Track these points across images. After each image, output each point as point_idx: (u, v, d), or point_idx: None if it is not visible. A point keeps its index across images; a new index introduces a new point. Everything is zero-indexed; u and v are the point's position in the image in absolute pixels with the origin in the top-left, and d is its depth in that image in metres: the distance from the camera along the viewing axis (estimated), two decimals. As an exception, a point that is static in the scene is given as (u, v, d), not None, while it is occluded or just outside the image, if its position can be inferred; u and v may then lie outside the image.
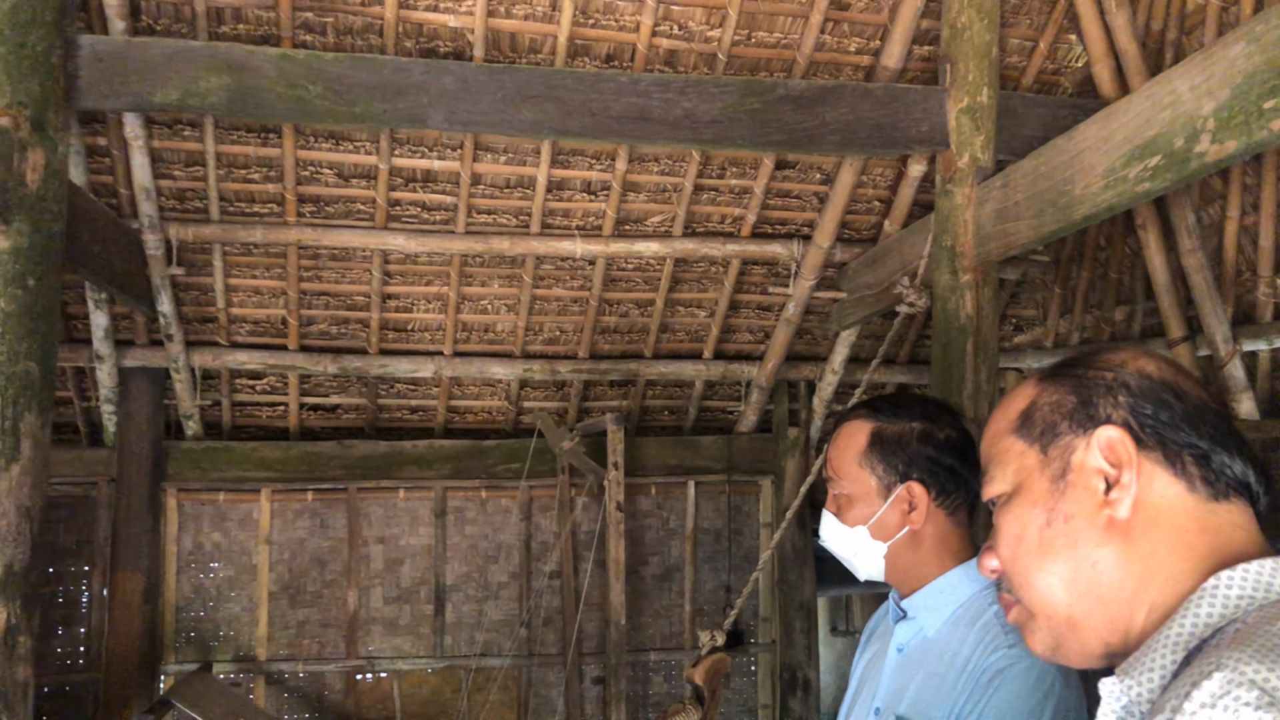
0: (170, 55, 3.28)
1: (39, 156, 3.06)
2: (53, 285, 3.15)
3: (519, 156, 4.34)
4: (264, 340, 4.85)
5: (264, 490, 5.05)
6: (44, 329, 3.10)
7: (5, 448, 2.97)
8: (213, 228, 4.32)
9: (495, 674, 5.15)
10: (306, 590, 5.08)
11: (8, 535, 2.96)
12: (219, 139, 4.09)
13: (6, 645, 2.93)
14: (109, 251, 3.95)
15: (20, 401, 3.01)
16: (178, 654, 4.91)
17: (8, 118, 2.98)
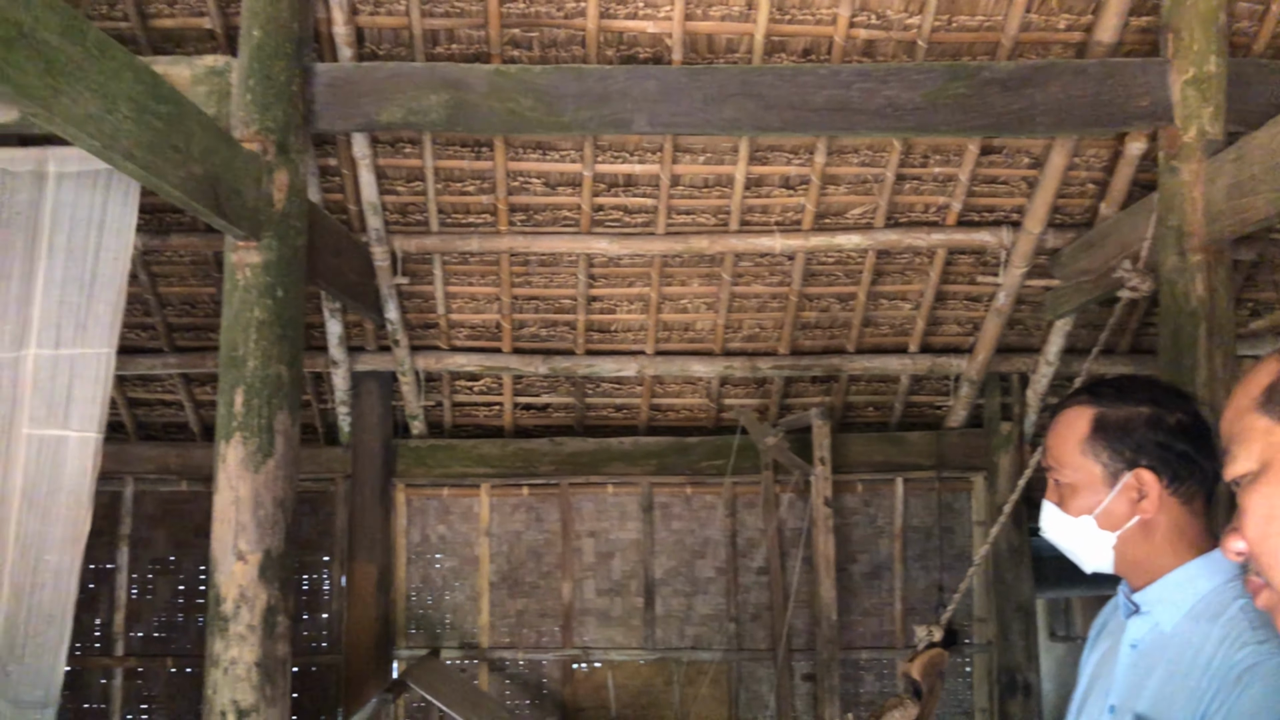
0: (393, 77, 3.53)
1: (284, 177, 3.35)
2: (298, 295, 3.44)
3: (717, 156, 4.40)
4: (480, 344, 5.10)
5: (483, 485, 5.32)
6: (291, 335, 3.39)
7: (261, 444, 3.27)
8: (433, 239, 4.59)
9: (705, 668, 5.22)
10: (524, 581, 5.31)
11: (266, 524, 3.26)
12: (436, 155, 4.35)
13: (267, 625, 3.23)
14: (343, 264, 4.27)
15: (273, 402, 3.31)
16: (409, 640, 5.24)
17: (257, 143, 3.29)
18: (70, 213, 3.28)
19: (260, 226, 3.28)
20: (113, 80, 2.41)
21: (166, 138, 2.67)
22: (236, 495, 3.25)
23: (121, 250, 3.28)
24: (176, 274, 4.80)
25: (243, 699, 3.18)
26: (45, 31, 2.15)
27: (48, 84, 2.16)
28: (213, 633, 3.23)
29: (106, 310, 3.27)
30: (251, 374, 3.28)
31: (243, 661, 3.19)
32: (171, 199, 2.80)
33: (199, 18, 3.91)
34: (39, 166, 3.31)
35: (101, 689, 5.16)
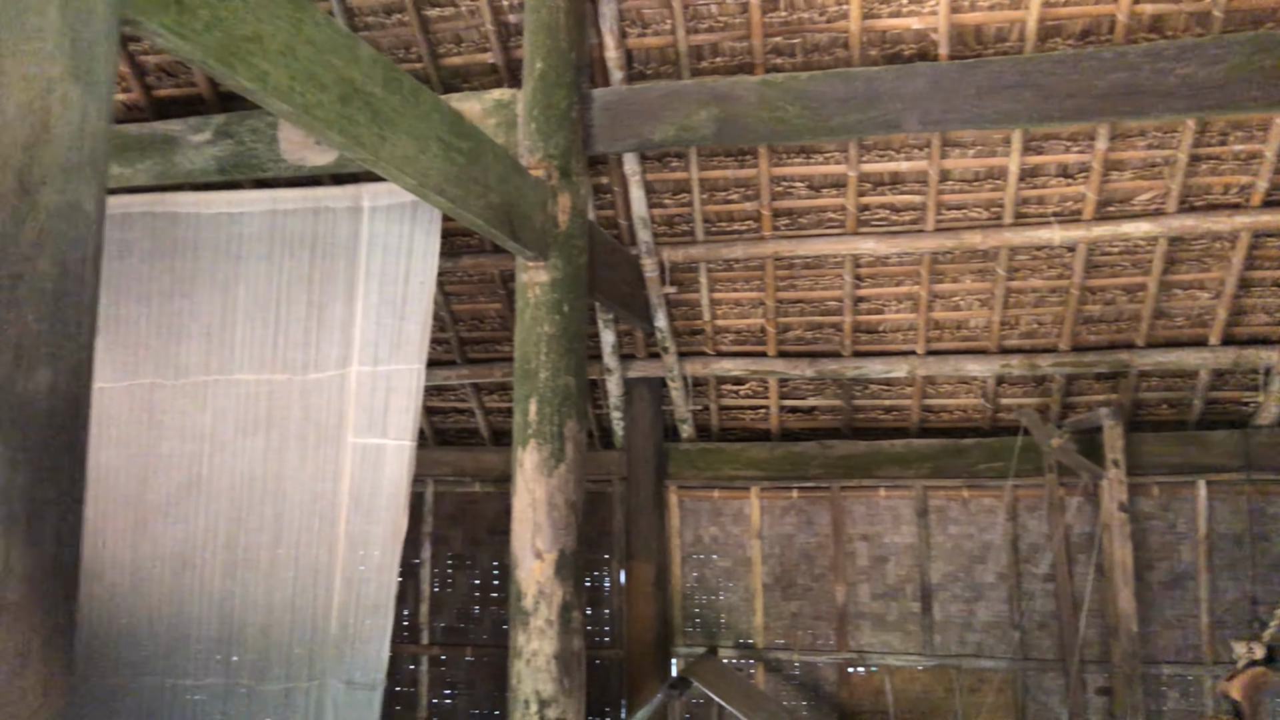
0: (664, 96, 3.66)
1: (567, 200, 3.55)
2: (582, 310, 3.64)
3: (988, 148, 4.25)
4: (746, 348, 5.18)
5: (753, 488, 5.40)
6: (577, 348, 3.59)
7: (554, 450, 3.48)
8: (699, 248, 4.71)
9: (988, 676, 5.05)
10: (797, 583, 5.34)
11: (560, 525, 3.46)
12: (701, 166, 4.46)
13: (563, 619, 3.43)
14: (616, 277, 4.47)
15: (563, 410, 3.51)
16: (686, 637, 5.40)
17: (542, 169, 3.51)
18: (383, 242, 3.63)
19: (547, 247, 3.49)
20: (423, 122, 2.66)
21: (468, 171, 2.90)
22: (533, 498, 3.47)
23: (427, 274, 3.58)
24: (467, 292, 5.18)
25: (544, 689, 3.39)
26: (372, 85, 2.40)
27: (375, 132, 2.42)
28: (515, 626, 3.46)
29: (416, 329, 3.58)
30: (543, 385, 3.50)
31: (543, 654, 3.40)
32: (473, 226, 3.04)
33: (483, 53, 4.21)
34: (355, 202, 3.68)
35: (410, 673, 5.64)
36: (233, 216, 3.76)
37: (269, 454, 3.64)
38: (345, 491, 3.59)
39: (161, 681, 3.61)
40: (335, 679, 3.51)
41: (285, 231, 3.72)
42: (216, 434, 3.69)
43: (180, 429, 3.70)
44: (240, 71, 1.94)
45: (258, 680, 3.53)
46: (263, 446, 3.66)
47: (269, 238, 3.73)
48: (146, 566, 3.67)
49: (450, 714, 5.61)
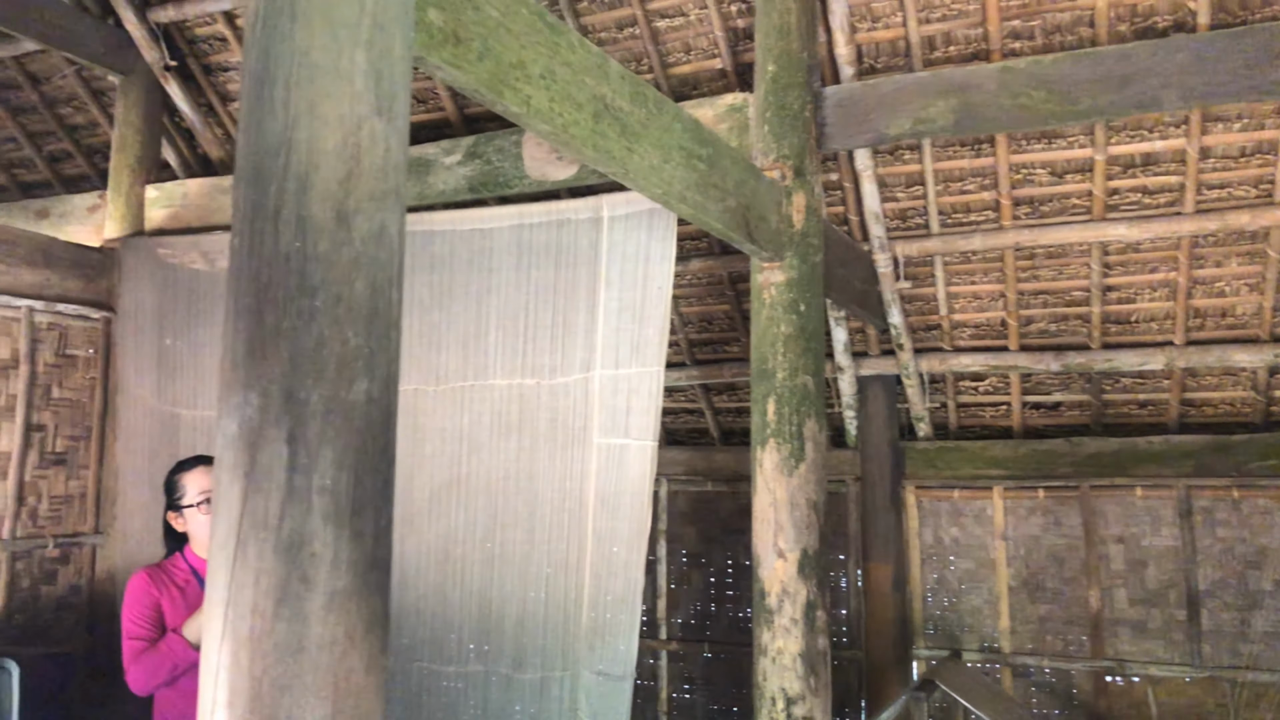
0: (899, 90, 3.60)
1: (801, 199, 3.56)
2: (819, 308, 3.64)
3: (1255, 120, 3.94)
4: (985, 343, 5.01)
5: (995, 488, 5.21)
6: (814, 347, 3.59)
7: (794, 450, 3.50)
8: (934, 241, 4.60)
9: (1267, 691, 4.66)
10: (1045, 586, 5.12)
11: (801, 524, 3.48)
12: (936, 157, 4.36)
13: (808, 618, 3.44)
14: (849, 274, 4.43)
15: (801, 410, 3.53)
16: (927, 640, 5.28)
17: (776, 170, 3.53)
18: (621, 250, 3.75)
19: (782, 247, 3.52)
20: (666, 133, 2.74)
21: (708, 177, 2.97)
22: (774, 497, 3.51)
23: (664, 279, 3.68)
24: (696, 294, 5.27)
25: (790, 687, 3.42)
26: (620, 100, 2.50)
27: (623, 146, 2.52)
28: (759, 624, 3.51)
29: (654, 333, 3.69)
30: (781, 385, 3.52)
31: (788, 652, 3.43)
32: (712, 230, 3.11)
33: (711, 60, 4.28)
34: (595, 213, 3.82)
35: (650, 668, 5.79)
36: (483, 232, 3.99)
37: (521, 454, 3.84)
38: (592, 490, 3.74)
39: (428, 667, 3.88)
40: (587, 670, 3.65)
41: (531, 244, 3.91)
42: (473, 436, 3.93)
43: (441, 431, 3.96)
44: (507, 97, 2.07)
45: (515, 669, 3.73)
46: (515, 447, 3.86)
47: (516, 250, 3.93)
48: (412, 560, 3.95)
49: (689, 709, 5.72)
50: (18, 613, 4.30)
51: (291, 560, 1.45)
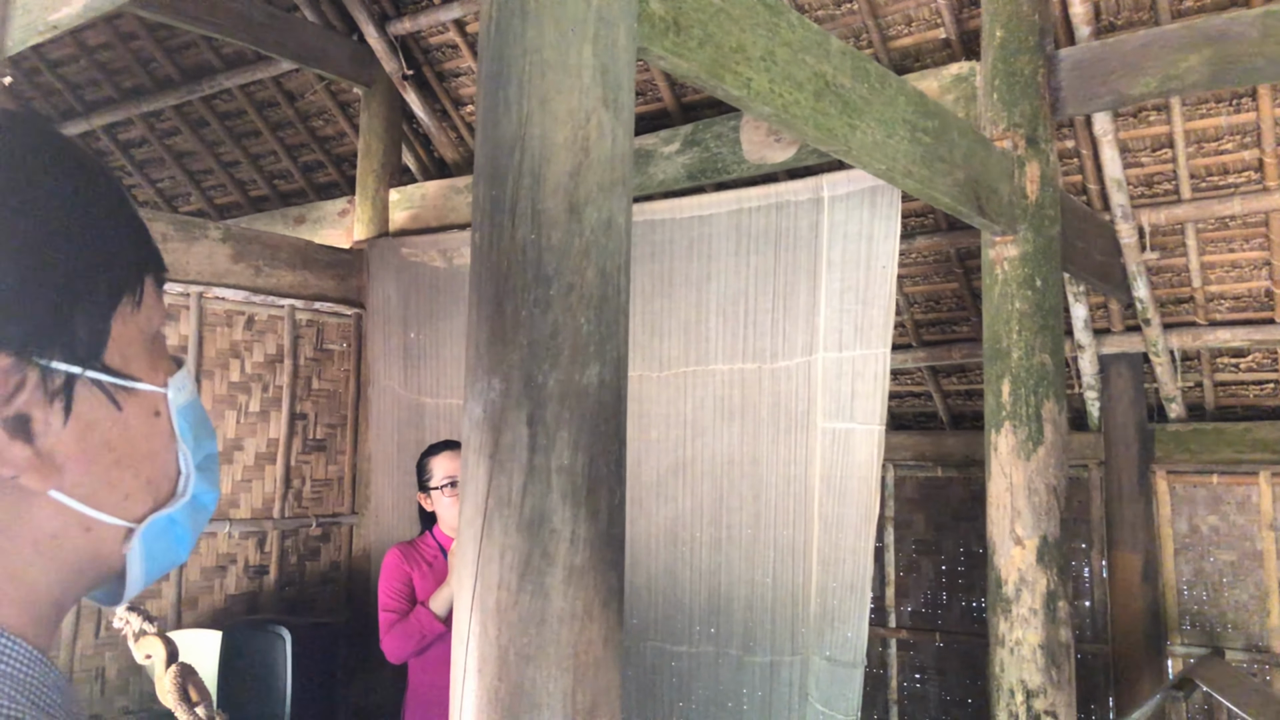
0: (1143, 46, 3.35)
1: (1035, 169, 3.39)
2: (1056, 283, 3.45)
3: None
4: (1246, 316, 4.60)
5: (1262, 473, 4.78)
6: (1052, 324, 3.41)
7: (1031, 433, 3.34)
8: (1184, 207, 4.27)
9: None
10: (1326, 582, 4.66)
11: (1040, 510, 3.32)
12: (1186, 116, 4.04)
13: (1048, 608, 3.28)
14: (1088, 246, 4.17)
15: (1039, 391, 3.36)
16: (1183, 636, 4.91)
17: (1007, 140, 3.37)
18: (843, 230, 3.69)
19: (1015, 220, 3.35)
20: (890, 107, 2.67)
21: (934, 151, 2.87)
22: (1010, 482, 3.36)
23: (888, 258, 3.59)
24: (921, 273, 5.11)
25: (1029, 679, 3.27)
26: (841, 77, 2.46)
27: (846, 123, 2.47)
28: (995, 613, 3.38)
29: (879, 314, 3.60)
30: (1016, 364, 3.37)
31: (1027, 643, 3.29)
32: (939, 205, 3.00)
33: (934, 30, 4.13)
34: (815, 194, 3.77)
35: (879, 656, 5.69)
36: (702, 219, 4.02)
37: (744, 438, 3.86)
38: (817, 475, 3.70)
39: (660, 646, 3.96)
40: (817, 655, 3.63)
41: (750, 228, 3.91)
42: (696, 421, 3.98)
43: (665, 417, 4.03)
44: (728, 82, 2.08)
45: (745, 651, 3.75)
46: (738, 432, 3.87)
47: (735, 235, 3.94)
48: (642, 541, 4.05)
49: (921, 699, 5.58)
50: (286, 585, 4.71)
51: (533, 536, 1.53)
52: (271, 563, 4.65)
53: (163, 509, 0.69)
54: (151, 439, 0.68)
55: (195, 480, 0.72)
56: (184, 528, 0.72)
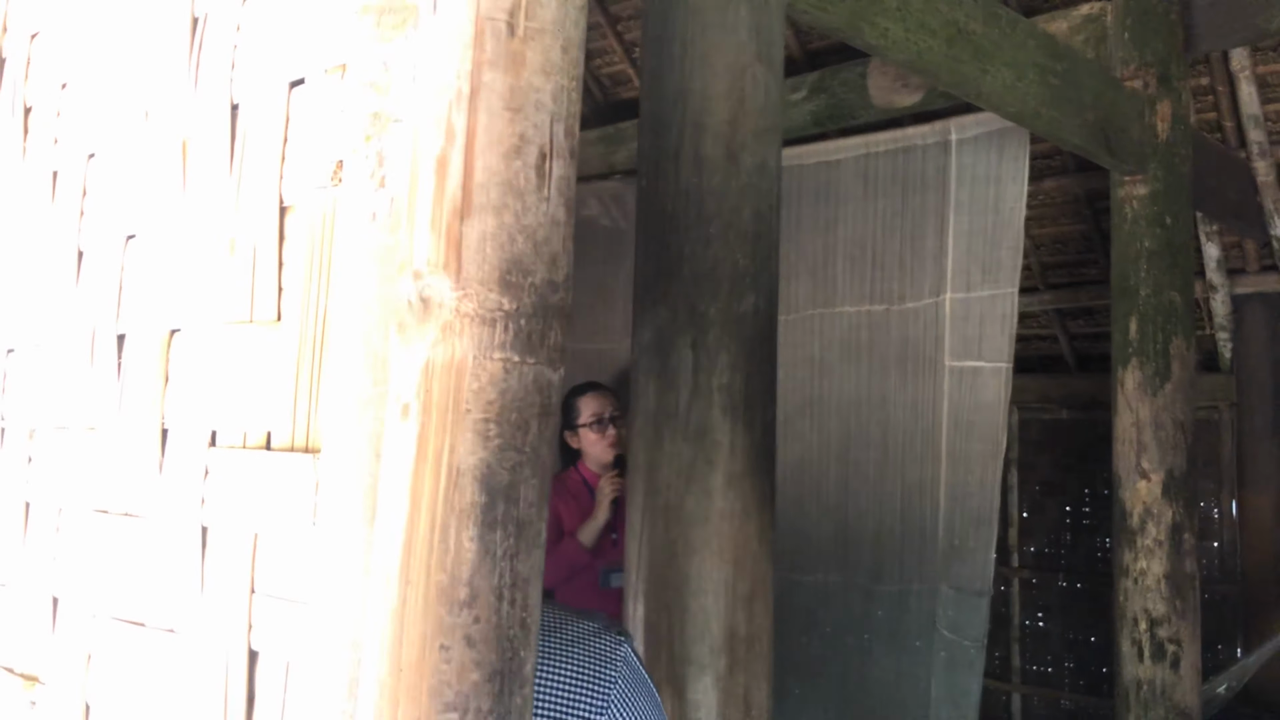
0: (1282, -21, 3.32)
1: (1166, 108, 3.40)
2: (1187, 222, 3.48)
3: None
4: (1391, 253, 4.50)
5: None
6: (1182, 262, 3.45)
7: (1158, 369, 3.40)
8: (1328, 143, 4.19)
9: None
10: None
11: (1166, 444, 3.39)
12: (1329, 49, 3.96)
13: (1173, 540, 3.36)
14: (1222, 185, 4.15)
15: (1167, 328, 3.41)
16: (1321, 578, 4.88)
17: (1139, 79, 3.40)
18: (970, 173, 3.76)
19: (1145, 159, 3.39)
20: (1020, 51, 2.76)
21: (1063, 92, 2.94)
22: (1136, 418, 3.43)
23: (1016, 200, 3.66)
24: (1049, 215, 5.11)
25: (1154, 608, 3.37)
26: (973, 23, 2.56)
27: (977, 67, 2.58)
28: (1119, 545, 3.46)
29: (1008, 255, 3.68)
30: (1144, 302, 3.42)
31: (1151, 573, 3.37)
32: (1068, 146, 3.08)
33: (1064, -30, 4.12)
34: (942, 137, 3.85)
35: (1002, 594, 5.78)
36: (829, 164, 4.14)
37: (872, 378, 3.99)
38: (945, 412, 3.82)
39: (788, 575, 4.16)
40: (945, 584, 3.78)
41: (876, 172, 4.01)
42: (824, 361, 4.13)
43: (793, 358, 4.19)
44: (866, 33, 2.22)
45: (873, 581, 3.92)
46: (866, 372, 4.01)
47: (862, 180, 4.05)
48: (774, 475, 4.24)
49: (1043, 636, 5.66)
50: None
51: (697, 445, 1.74)
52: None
53: None
54: None
55: None
56: None
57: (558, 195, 0.47)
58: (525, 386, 0.44)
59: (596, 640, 0.84)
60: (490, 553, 0.43)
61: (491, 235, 0.44)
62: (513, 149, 0.45)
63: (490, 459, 0.43)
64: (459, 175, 0.43)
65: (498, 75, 0.44)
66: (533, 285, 0.45)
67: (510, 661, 0.44)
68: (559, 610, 0.87)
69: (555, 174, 0.47)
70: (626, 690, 0.83)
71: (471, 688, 0.43)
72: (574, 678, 0.80)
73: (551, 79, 0.46)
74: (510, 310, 0.44)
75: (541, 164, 0.46)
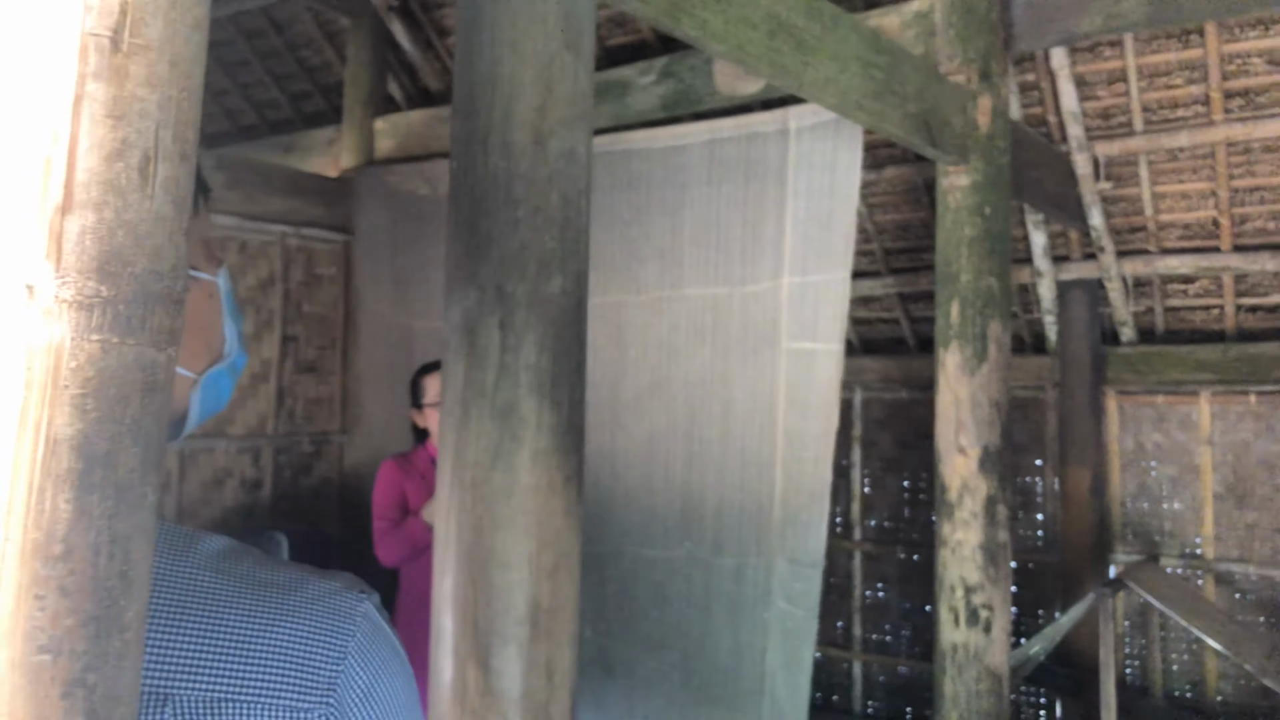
0: (1089, -15, 3.54)
1: (987, 102, 3.59)
2: (1005, 211, 3.68)
3: None
4: (1194, 244, 4.84)
5: (1202, 393, 5.07)
6: (1000, 249, 3.65)
7: (976, 351, 3.60)
8: (1137, 139, 4.48)
9: None
10: (1254, 493, 4.97)
11: (983, 422, 3.59)
12: (1138, 52, 4.23)
13: (988, 512, 3.57)
14: (1044, 176, 4.39)
15: (985, 312, 3.61)
16: (1124, 545, 5.25)
17: (962, 74, 3.57)
18: (808, 160, 3.89)
19: (967, 151, 3.57)
20: (842, 45, 2.87)
21: (886, 85, 3.07)
22: (956, 396, 3.63)
23: (850, 187, 3.80)
24: (891, 203, 5.33)
25: (969, 576, 3.58)
26: (795, 17, 2.65)
27: (799, 59, 2.68)
28: (941, 517, 3.67)
29: (841, 241, 3.83)
30: (965, 287, 3.61)
31: (968, 543, 3.58)
32: (892, 137, 3.22)
33: (900, -34, 4.28)
34: (782, 125, 3.97)
35: (844, 567, 6.03)
36: (677, 149, 4.22)
37: (715, 359, 4.11)
38: (782, 392, 3.96)
39: (639, 551, 4.26)
40: (781, 557, 3.92)
41: (722, 158, 4.11)
42: (672, 342, 4.22)
43: (643, 339, 4.28)
44: (684, 23, 2.28)
45: (714, 554, 4.04)
46: (710, 353, 4.12)
47: (708, 165, 4.14)
48: (622, 455, 4.32)
49: (882, 606, 5.93)
50: (281, 499, 4.99)
51: (504, 423, 1.78)
52: (266, 477, 4.91)
53: (215, 365, 0.94)
54: (210, 314, 0.93)
55: (235, 346, 0.97)
56: (227, 381, 0.97)
57: (163, 194, 0.50)
58: (125, 365, 0.48)
59: (336, 598, 0.88)
60: (87, 513, 0.47)
61: (91, 229, 0.47)
62: (114, 152, 0.48)
63: (88, 430, 0.47)
64: (62, 174, 0.47)
65: (100, 86, 0.48)
66: (133, 274, 0.48)
67: (109, 609, 0.48)
68: (302, 571, 0.89)
69: (161, 175, 0.50)
70: (364, 642, 0.86)
71: (65, 632, 0.46)
72: (311, 633, 0.83)
73: (158, 90, 0.50)
74: (108, 296, 0.47)
75: (145, 166, 0.49)
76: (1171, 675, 5.12)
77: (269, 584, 0.86)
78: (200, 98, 0.54)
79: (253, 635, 0.81)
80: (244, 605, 0.82)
